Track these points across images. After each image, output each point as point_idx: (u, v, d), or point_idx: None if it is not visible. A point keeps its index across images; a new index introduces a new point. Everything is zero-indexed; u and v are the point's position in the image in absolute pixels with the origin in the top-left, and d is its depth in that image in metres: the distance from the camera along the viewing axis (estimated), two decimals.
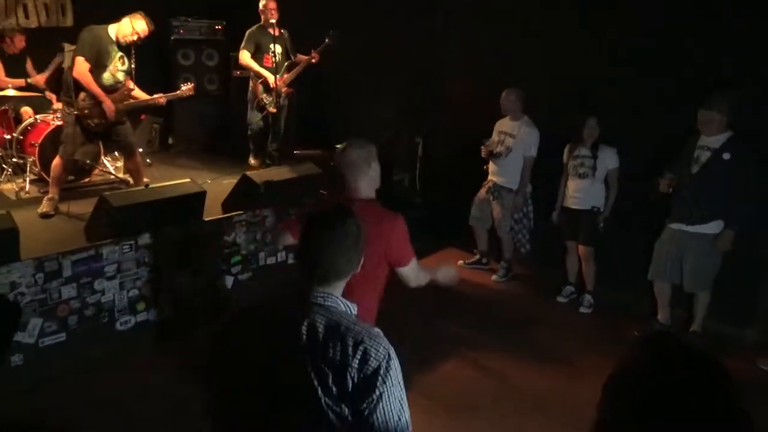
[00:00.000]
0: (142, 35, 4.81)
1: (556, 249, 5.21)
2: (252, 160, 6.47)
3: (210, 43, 7.36)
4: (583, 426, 1.26)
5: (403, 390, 1.62)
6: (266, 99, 6.13)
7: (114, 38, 4.80)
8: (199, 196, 4.52)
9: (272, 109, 6.14)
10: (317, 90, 7.18)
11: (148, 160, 6.37)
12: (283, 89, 6.11)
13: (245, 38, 6.17)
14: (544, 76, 5.31)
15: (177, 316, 4.37)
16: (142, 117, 6.99)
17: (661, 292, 4.60)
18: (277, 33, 6.05)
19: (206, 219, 4.57)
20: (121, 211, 4.10)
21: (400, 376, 1.62)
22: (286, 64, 6.17)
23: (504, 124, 5.33)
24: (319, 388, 1.56)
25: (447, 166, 6.09)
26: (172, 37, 7.20)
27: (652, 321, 4.61)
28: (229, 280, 4.67)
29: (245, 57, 6.14)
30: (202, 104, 7.34)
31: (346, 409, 1.56)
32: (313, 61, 6.11)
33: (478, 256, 5.77)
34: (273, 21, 5.97)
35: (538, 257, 5.53)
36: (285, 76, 6.13)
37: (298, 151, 6.39)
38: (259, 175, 4.98)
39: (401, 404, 1.60)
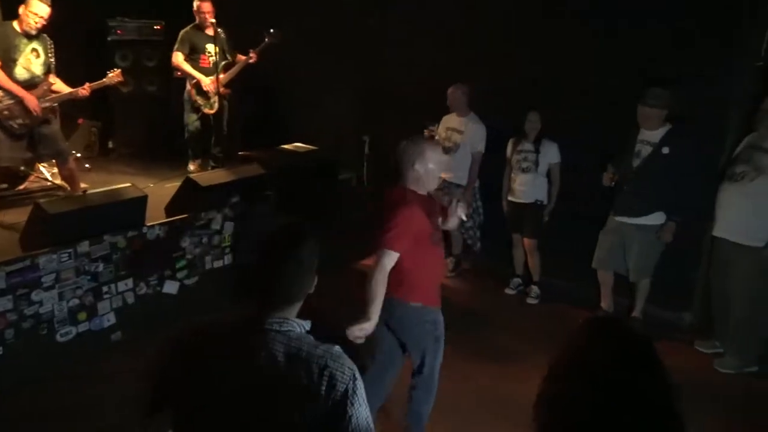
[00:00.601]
0: (45, 17, 4.63)
1: (503, 242, 5.30)
2: (191, 166, 6.29)
3: (149, 44, 7.18)
4: (528, 418, 1.29)
5: (368, 407, 1.58)
6: (200, 101, 6.03)
7: (20, 30, 4.63)
8: (141, 201, 4.40)
9: (208, 111, 6.03)
10: (264, 90, 7.10)
11: (86, 165, 6.19)
12: (220, 90, 5.97)
13: (179, 39, 6.04)
14: (492, 71, 5.34)
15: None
16: (80, 121, 6.78)
17: (605, 280, 4.74)
18: (213, 33, 5.93)
19: (149, 224, 4.46)
20: (57, 219, 3.96)
21: (364, 394, 1.58)
22: (222, 64, 6.03)
23: (451, 120, 5.38)
24: (285, 424, 1.51)
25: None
26: (108, 38, 6.99)
27: (597, 309, 4.75)
28: (174, 286, 4.58)
29: (178, 59, 6.01)
30: (142, 106, 7.18)
31: None
32: (251, 60, 6.00)
33: None
34: (212, 21, 5.85)
35: (486, 251, 5.62)
36: (221, 76, 5.98)
37: (242, 153, 6.29)
38: (202, 178, 4.89)
39: (368, 422, 1.56)
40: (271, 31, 5.90)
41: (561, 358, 1.32)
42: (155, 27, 7.16)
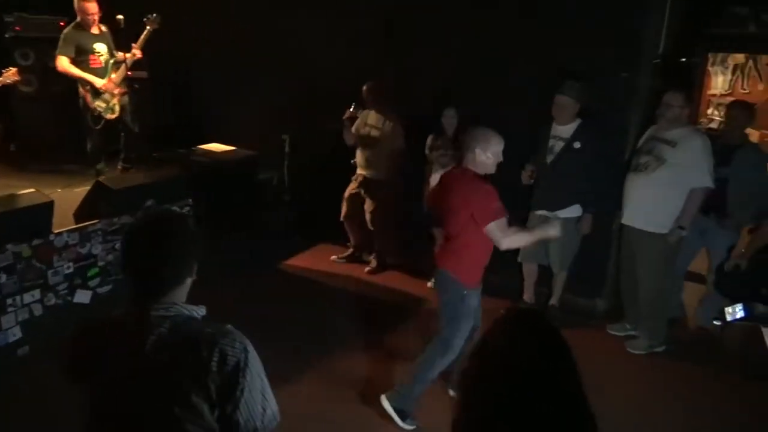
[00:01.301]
0: None
1: (425, 237, 5.36)
2: (99, 166, 5.93)
3: (52, 41, 6.77)
4: None
5: (265, 381, 1.61)
6: (99, 107, 5.62)
7: None
8: (46, 207, 4.17)
9: (110, 116, 5.66)
10: (179, 90, 6.88)
11: None
12: (116, 91, 5.66)
13: (61, 41, 5.56)
14: (410, 67, 5.38)
15: None
16: None
17: (529, 273, 4.89)
18: (98, 31, 5.63)
19: (56, 231, 4.23)
20: None
21: (260, 367, 1.61)
22: (111, 62, 5.68)
23: (369, 117, 5.38)
24: (183, 405, 1.51)
25: (315, 163, 6.07)
26: (6, 35, 6.57)
27: (519, 301, 4.89)
28: (86, 295, 4.36)
29: (64, 63, 5.53)
30: (47, 107, 6.79)
31: (212, 421, 1.53)
32: (136, 57, 5.65)
33: (351, 250, 5.82)
34: (94, 19, 5.55)
35: (408, 247, 5.67)
36: (113, 76, 5.65)
37: (156, 154, 6.07)
38: (114, 181, 4.69)
39: (264, 395, 1.59)
40: (148, 16, 5.55)
41: (477, 352, 1.35)
42: (58, 23, 6.77)
